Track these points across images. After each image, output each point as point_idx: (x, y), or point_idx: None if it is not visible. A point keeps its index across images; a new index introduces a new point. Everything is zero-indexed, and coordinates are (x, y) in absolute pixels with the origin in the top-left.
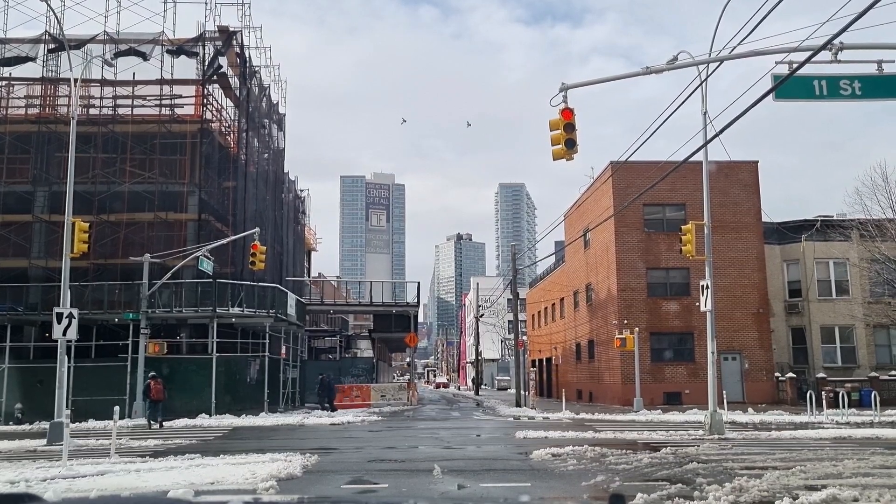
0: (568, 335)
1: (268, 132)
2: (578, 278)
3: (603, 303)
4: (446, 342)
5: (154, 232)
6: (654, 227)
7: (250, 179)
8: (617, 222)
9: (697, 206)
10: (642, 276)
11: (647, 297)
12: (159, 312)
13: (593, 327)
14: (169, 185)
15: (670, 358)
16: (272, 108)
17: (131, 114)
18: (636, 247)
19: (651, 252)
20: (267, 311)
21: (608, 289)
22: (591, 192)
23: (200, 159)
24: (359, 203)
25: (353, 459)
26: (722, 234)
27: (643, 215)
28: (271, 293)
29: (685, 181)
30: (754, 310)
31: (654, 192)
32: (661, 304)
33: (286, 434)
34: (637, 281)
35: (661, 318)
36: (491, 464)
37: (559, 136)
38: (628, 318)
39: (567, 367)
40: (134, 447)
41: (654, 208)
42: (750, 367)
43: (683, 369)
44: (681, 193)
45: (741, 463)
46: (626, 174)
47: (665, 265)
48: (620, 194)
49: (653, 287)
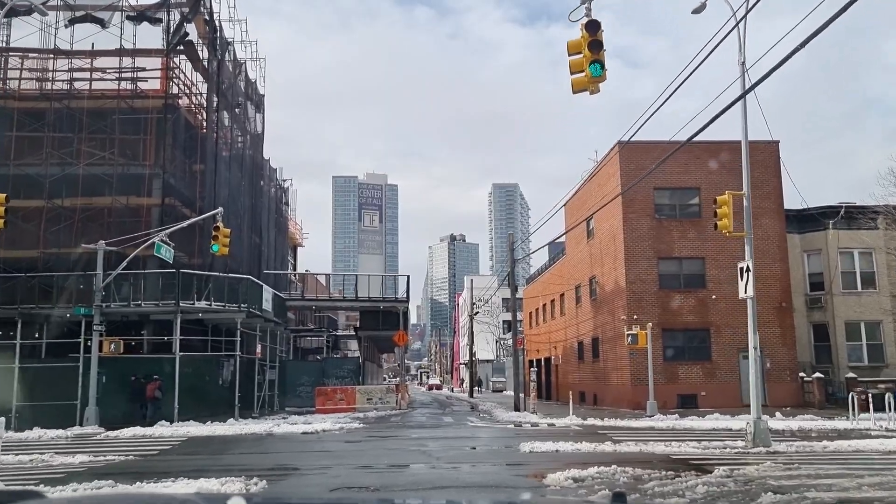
0: (569, 333)
1: (244, 113)
2: (581, 271)
3: (609, 297)
4: (439, 343)
5: (113, 218)
6: (665, 213)
7: (222, 161)
8: (625, 208)
9: (713, 190)
10: (653, 266)
11: (658, 290)
12: (115, 307)
13: (598, 324)
14: (130, 167)
15: (684, 357)
16: (250, 87)
17: (89, 88)
18: (646, 235)
19: (663, 240)
20: (238, 305)
21: (615, 281)
22: (594, 177)
23: (166, 139)
24: (351, 204)
25: (311, 486)
26: (740, 221)
27: (654, 200)
28: (244, 286)
29: (699, 163)
30: (776, 304)
31: (665, 175)
32: (673, 298)
33: (248, 446)
34: (647, 272)
35: (674, 313)
36: (494, 495)
37: (581, 61)
38: (638, 312)
39: (568, 368)
40: (55, 465)
41: (666, 192)
42: (772, 367)
43: (699, 369)
44: (695, 176)
45: (828, 491)
46: (635, 154)
47: (678, 254)
48: (628, 177)
49: (665, 279)
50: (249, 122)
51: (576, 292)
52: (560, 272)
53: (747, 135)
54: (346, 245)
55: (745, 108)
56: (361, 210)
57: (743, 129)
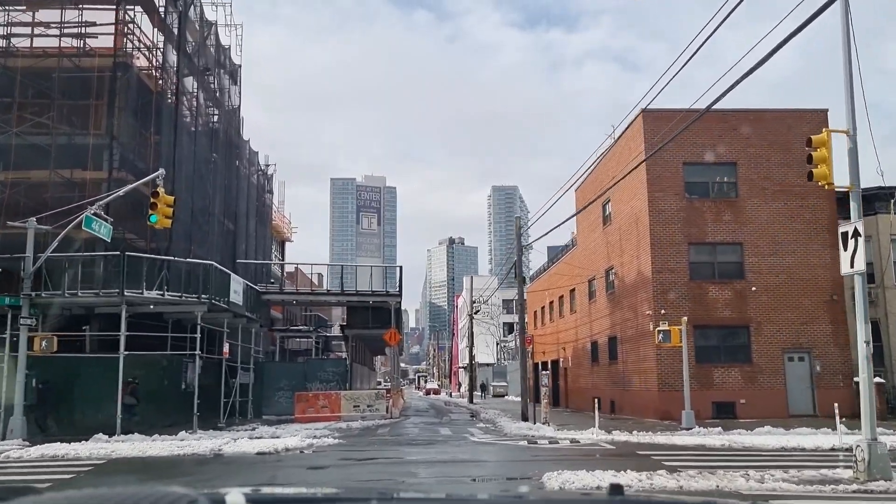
0: (581, 332)
1: (216, 81)
2: (595, 262)
3: (630, 289)
4: (438, 346)
5: (51, 194)
6: (697, 192)
7: (185, 133)
8: (651, 186)
9: (752, 165)
10: (683, 253)
11: (688, 281)
12: (46, 296)
13: (616, 321)
14: (76, 136)
15: (719, 358)
16: (222, 53)
17: (30, 46)
18: (675, 217)
19: (694, 223)
20: (198, 296)
21: (638, 271)
22: (612, 155)
23: (117, 102)
24: (349, 206)
25: None
26: (784, 201)
27: (683, 177)
28: (205, 273)
29: (736, 134)
30: (826, 296)
31: (697, 148)
32: (707, 290)
33: (175, 473)
34: (677, 260)
35: (708, 307)
36: None
37: None
38: (666, 307)
39: (579, 371)
40: None
41: (698, 168)
42: (822, 370)
43: (737, 373)
44: (731, 149)
45: None
46: (661, 124)
47: (711, 240)
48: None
49: (696, 268)
50: (222, 92)
51: (589, 286)
52: (569, 266)
53: (850, 39)
54: (343, 248)
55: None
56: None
57: (846, 25)
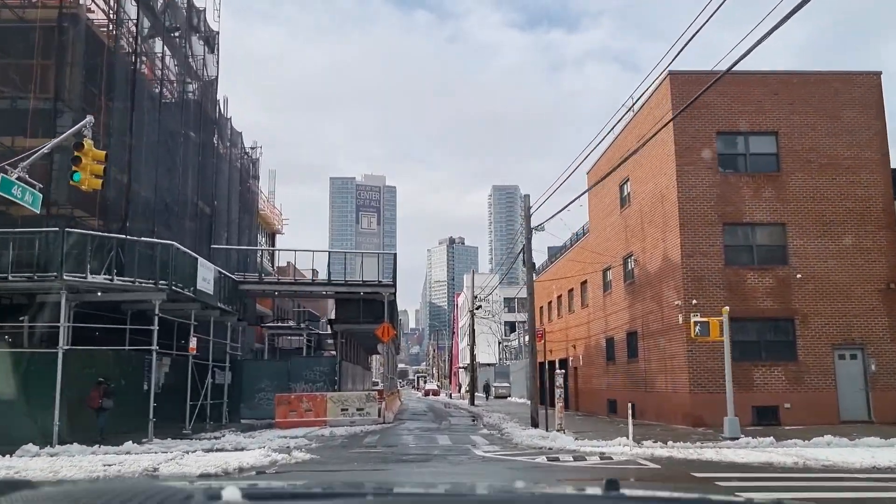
0: (593, 328)
1: (188, 46)
2: (611, 250)
3: (654, 278)
4: (437, 346)
5: None
6: (732, 165)
7: (146, 97)
8: (680, 159)
9: (795, 135)
10: (717, 235)
11: (724, 267)
12: None
13: (636, 314)
14: (18, 99)
15: (760, 356)
16: (195, 14)
17: None
18: (707, 194)
19: (729, 201)
20: (155, 281)
21: (664, 256)
22: (631, 129)
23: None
24: (349, 206)
25: None
26: (832, 176)
27: (717, 149)
28: (164, 255)
29: (777, 99)
30: (882, 285)
31: (732, 116)
32: (744, 277)
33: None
34: (710, 243)
35: (746, 296)
36: None
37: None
38: (698, 296)
39: (592, 371)
40: None
41: (733, 139)
42: (878, 370)
43: (780, 372)
44: (771, 116)
45: None
46: (692, 88)
47: (750, 219)
48: (684, 119)
49: (732, 252)
50: (195, 60)
51: (603, 277)
52: (580, 256)
53: None
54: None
55: None
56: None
57: None
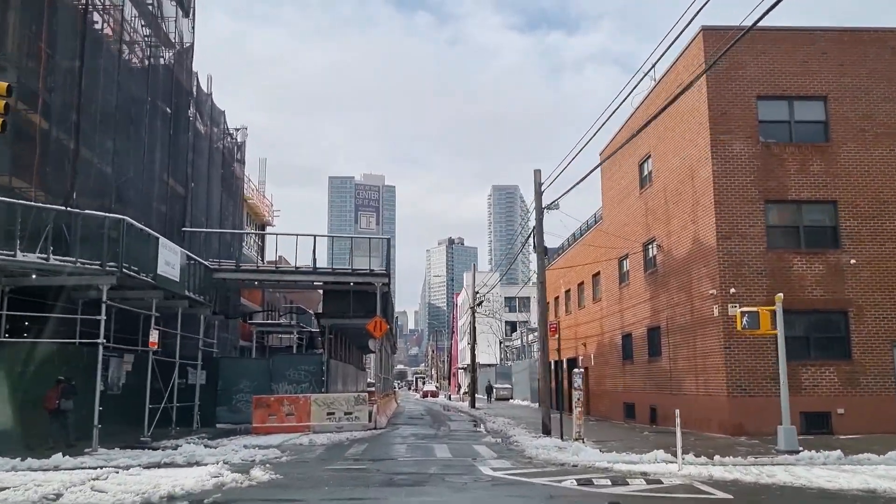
0: (607, 324)
1: (157, 7)
2: (629, 236)
3: (682, 265)
4: (436, 347)
5: None
6: (775, 134)
7: (101, 54)
8: (714, 126)
9: (847, 99)
10: (758, 214)
11: (766, 251)
12: None
13: (660, 306)
14: None
15: (808, 354)
16: None
17: None
18: (746, 167)
19: (772, 175)
20: (102, 263)
21: (694, 239)
22: (653, 99)
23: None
24: (347, 205)
25: None
26: (890, 146)
27: (757, 115)
28: (113, 231)
29: (826, 60)
30: None
31: (775, 78)
32: (790, 263)
33: None
34: (750, 223)
35: (792, 285)
36: None
37: None
38: (736, 284)
39: (605, 371)
40: None
41: (776, 104)
42: None
43: (832, 373)
44: (819, 79)
45: None
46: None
47: (795, 196)
48: (719, 81)
49: (776, 234)
50: (165, 22)
51: (619, 267)
52: (591, 247)
53: None
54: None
55: None
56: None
57: None
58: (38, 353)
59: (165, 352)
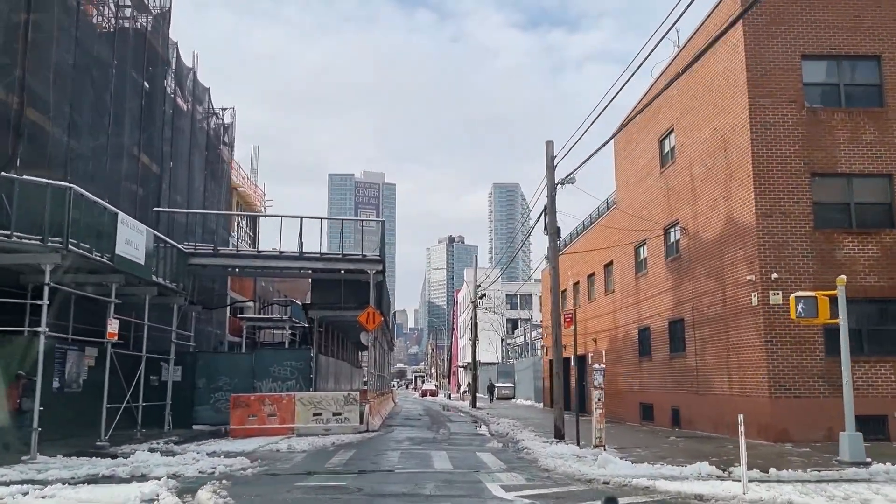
0: (621, 318)
1: None
2: (647, 220)
3: (712, 248)
4: (436, 345)
5: None
6: (822, 98)
7: (62, 11)
8: (754, 90)
9: None
10: (803, 189)
11: (812, 231)
12: None
13: (684, 296)
14: None
15: (861, 349)
16: None
17: None
18: (790, 135)
19: (818, 144)
20: (43, 238)
21: (728, 218)
22: (680, 61)
23: None
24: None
25: None
26: None
27: (802, 77)
28: (58, 202)
29: (880, 14)
30: None
31: (821, 36)
32: (840, 244)
33: None
34: (793, 198)
35: (842, 269)
36: None
37: None
38: (778, 267)
39: (619, 369)
40: None
41: (824, 65)
42: None
43: (888, 371)
44: (872, 36)
45: None
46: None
47: (845, 169)
48: (757, 39)
49: (823, 211)
50: None
51: (635, 256)
52: (601, 235)
53: None
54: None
55: None
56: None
57: None
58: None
59: (132, 345)
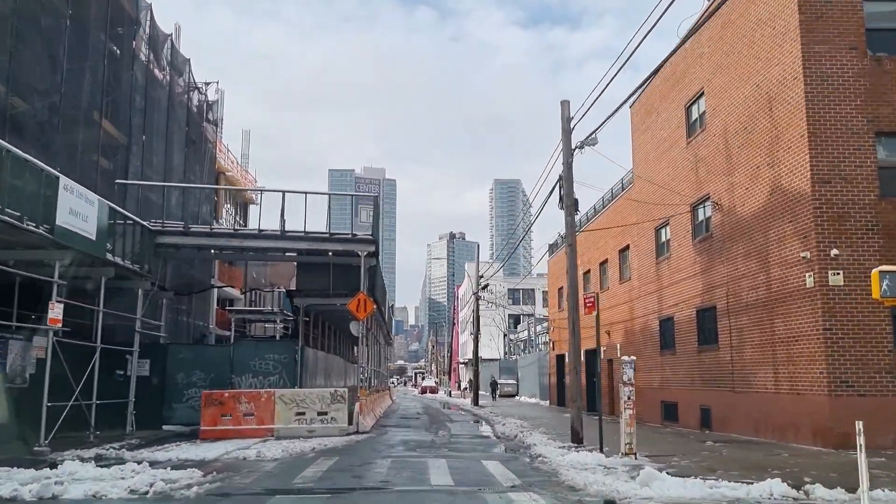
0: (639, 307)
1: None
2: (671, 198)
3: (753, 223)
4: (436, 341)
5: None
6: (888, 46)
7: None
8: (807, 35)
9: None
10: (867, 151)
11: (878, 200)
12: None
13: (716, 280)
14: None
15: None
16: None
17: None
18: (850, 88)
19: (884, 98)
20: None
21: (774, 187)
22: (709, 30)
23: None
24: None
25: None
26: None
27: (864, 21)
28: None
29: None
30: None
31: None
32: None
33: None
34: (856, 161)
35: None
36: None
37: None
38: (839, 242)
39: (637, 363)
40: None
41: (890, 6)
42: None
43: None
44: None
45: None
46: None
47: None
48: None
49: (891, 177)
50: None
51: (656, 238)
52: (616, 218)
53: None
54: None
55: None
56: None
57: None
58: None
59: (94, 335)
